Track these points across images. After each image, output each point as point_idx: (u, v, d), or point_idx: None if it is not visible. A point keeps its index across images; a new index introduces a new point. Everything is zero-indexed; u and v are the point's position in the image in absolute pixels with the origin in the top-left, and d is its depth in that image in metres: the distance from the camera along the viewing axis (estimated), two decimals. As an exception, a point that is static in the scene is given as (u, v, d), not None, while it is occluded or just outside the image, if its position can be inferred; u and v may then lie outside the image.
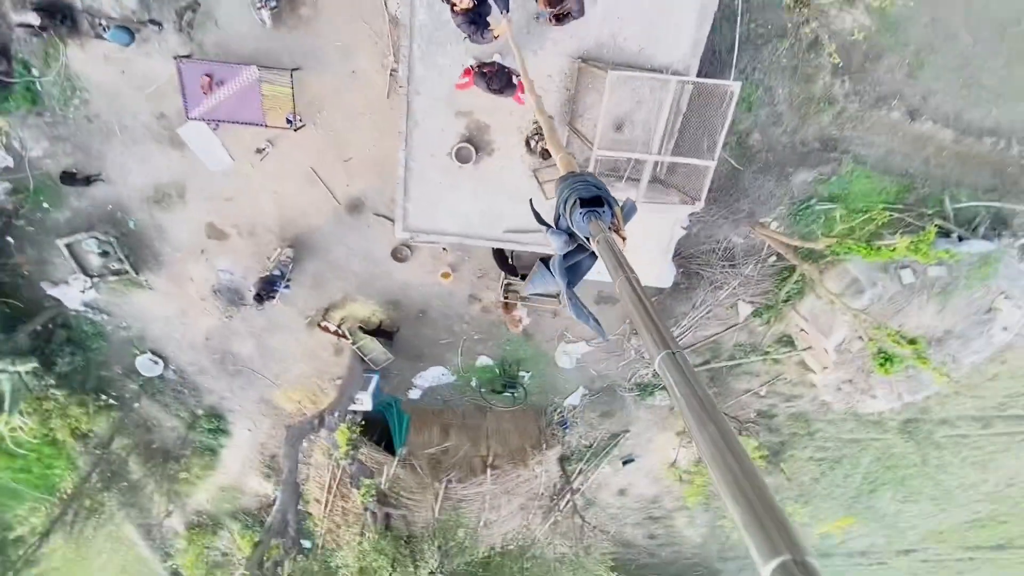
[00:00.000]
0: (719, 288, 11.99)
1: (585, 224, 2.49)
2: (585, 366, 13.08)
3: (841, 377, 12.32)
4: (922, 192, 11.10)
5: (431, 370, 12.72)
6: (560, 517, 15.49)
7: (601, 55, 6.38)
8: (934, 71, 9.89)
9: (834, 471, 16.07)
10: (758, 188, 10.59)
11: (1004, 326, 11.89)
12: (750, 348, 13.17)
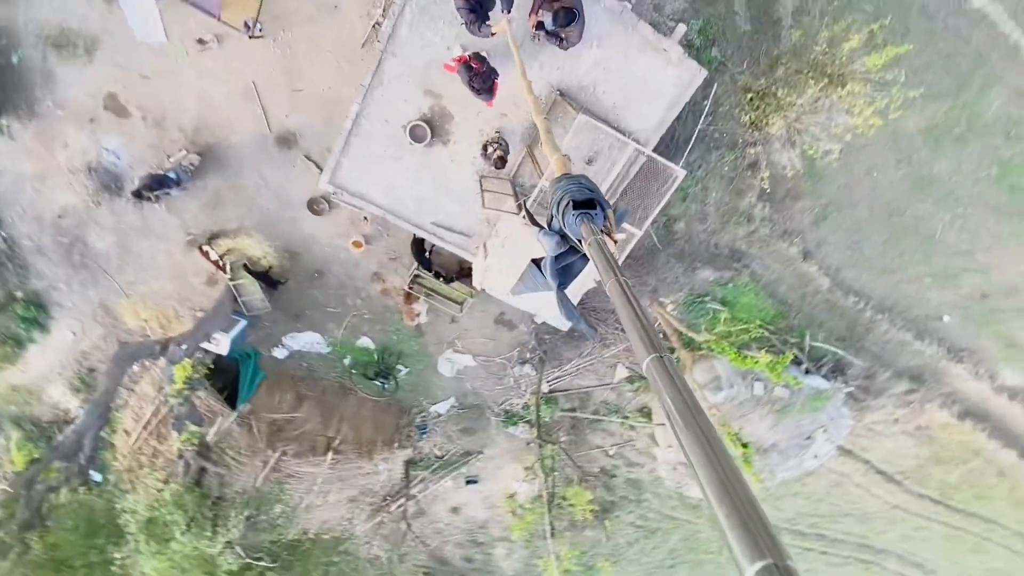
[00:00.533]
0: (607, 346, 12.68)
1: (577, 226, 2.48)
2: (464, 379, 13.06)
3: (679, 458, 13.46)
4: (792, 322, 12.69)
5: (306, 334, 11.97)
6: (387, 519, 15.10)
7: (578, 96, 6.61)
8: (833, 226, 11.48)
9: (647, 540, 17.37)
10: (668, 270, 11.45)
11: (815, 454, 13.80)
12: (614, 409, 13.98)
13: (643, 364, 1.49)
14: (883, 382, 13.65)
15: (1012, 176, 10.94)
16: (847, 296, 12.37)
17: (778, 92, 7.51)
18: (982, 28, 9.40)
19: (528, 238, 6.48)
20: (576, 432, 14.55)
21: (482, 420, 13.96)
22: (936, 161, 10.70)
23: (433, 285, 10.57)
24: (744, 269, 11.77)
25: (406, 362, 12.57)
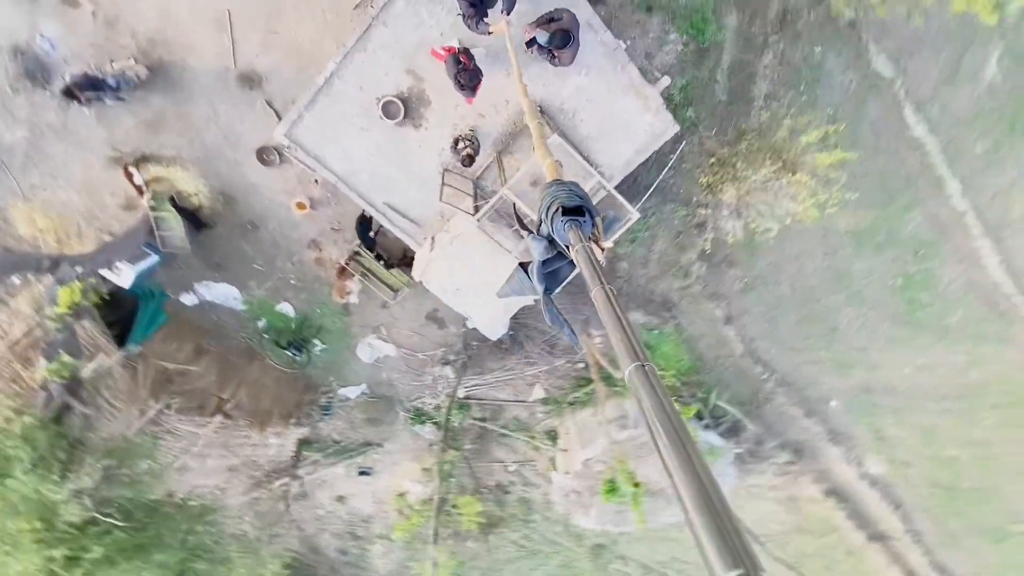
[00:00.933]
0: (530, 364, 12.80)
1: (565, 232, 2.46)
2: (381, 368, 12.70)
3: (574, 486, 13.75)
4: (703, 378, 13.41)
5: (223, 287, 11.20)
6: (266, 496, 14.30)
7: (556, 117, 6.70)
8: (757, 298, 12.30)
9: (526, 560, 17.52)
10: (604, 304, 11.75)
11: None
12: (523, 426, 14.09)
13: (625, 372, 1.49)
14: (769, 450, 14.69)
15: (913, 290, 12.24)
16: (755, 365, 13.26)
17: (737, 164, 8.01)
18: (916, 155, 10.52)
19: (477, 242, 6.45)
20: (481, 442, 14.51)
21: (390, 413, 13.61)
22: (855, 261, 11.78)
23: (371, 266, 10.25)
24: (672, 320, 12.33)
25: (324, 338, 12.06)
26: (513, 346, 12.46)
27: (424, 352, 12.45)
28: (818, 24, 9.09)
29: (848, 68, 9.55)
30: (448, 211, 6.72)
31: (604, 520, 14.23)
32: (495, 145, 6.84)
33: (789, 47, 9.30)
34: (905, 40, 9.32)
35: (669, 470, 1.17)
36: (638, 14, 8.77)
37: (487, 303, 6.72)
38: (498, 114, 6.64)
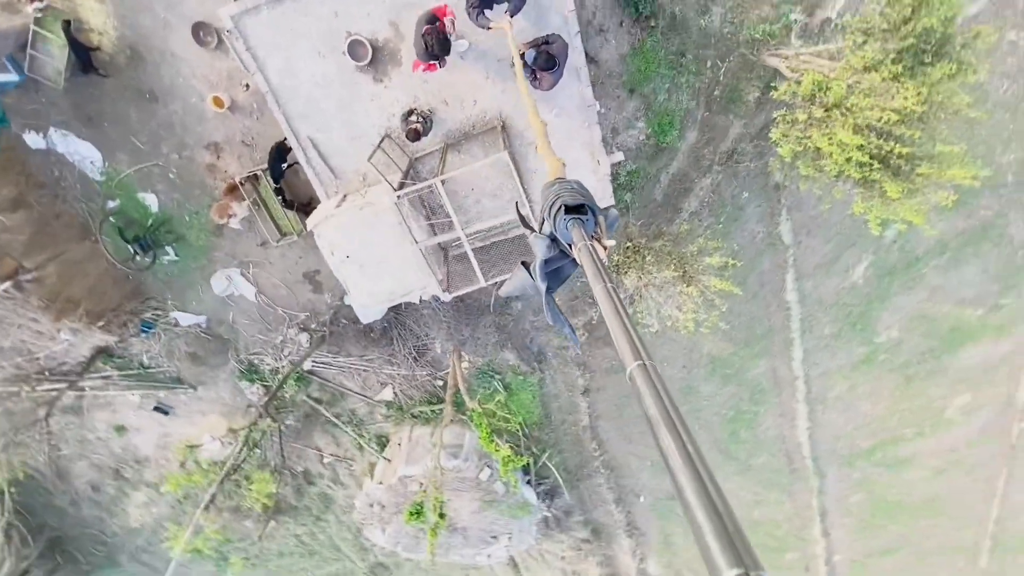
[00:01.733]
0: (391, 363, 12.30)
1: (568, 231, 2.44)
2: (231, 307, 11.44)
3: (382, 498, 13.18)
4: (544, 436, 13.81)
5: (85, 145, 9.53)
6: (28, 395, 11.95)
7: (513, 139, 6.72)
8: (616, 382, 13.06)
9: (300, 559, 16.30)
10: (484, 333, 11.77)
11: (490, 554, 14.64)
12: (357, 422, 13.38)
13: (627, 370, 1.50)
14: (573, 522, 15.36)
15: (738, 424, 13.79)
16: (592, 441, 13.96)
17: (647, 257, 8.58)
18: (782, 315, 12.08)
19: (387, 219, 6.12)
20: (306, 423, 13.50)
21: (220, 357, 12.22)
22: (704, 382, 13.04)
23: (268, 198, 9.34)
24: (539, 372, 12.64)
25: (181, 250, 10.65)
26: (382, 339, 11.92)
27: (285, 309, 11.46)
28: (754, 174, 10.27)
29: (761, 220, 10.83)
30: (372, 176, 6.34)
31: (397, 541, 13.75)
32: (447, 136, 6.67)
33: (726, 181, 10.36)
34: (810, 219, 10.82)
35: (671, 468, 1.17)
36: (621, 91, 9.27)
37: (370, 282, 6.35)
38: (461, 110, 6.51)
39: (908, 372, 13.04)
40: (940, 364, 12.88)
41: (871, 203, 6.83)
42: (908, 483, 15.04)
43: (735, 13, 8.74)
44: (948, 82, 6.14)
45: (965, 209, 10.65)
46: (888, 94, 5.88)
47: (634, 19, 8.70)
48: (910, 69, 6.14)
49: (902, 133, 6.08)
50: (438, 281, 6.16)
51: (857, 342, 12.54)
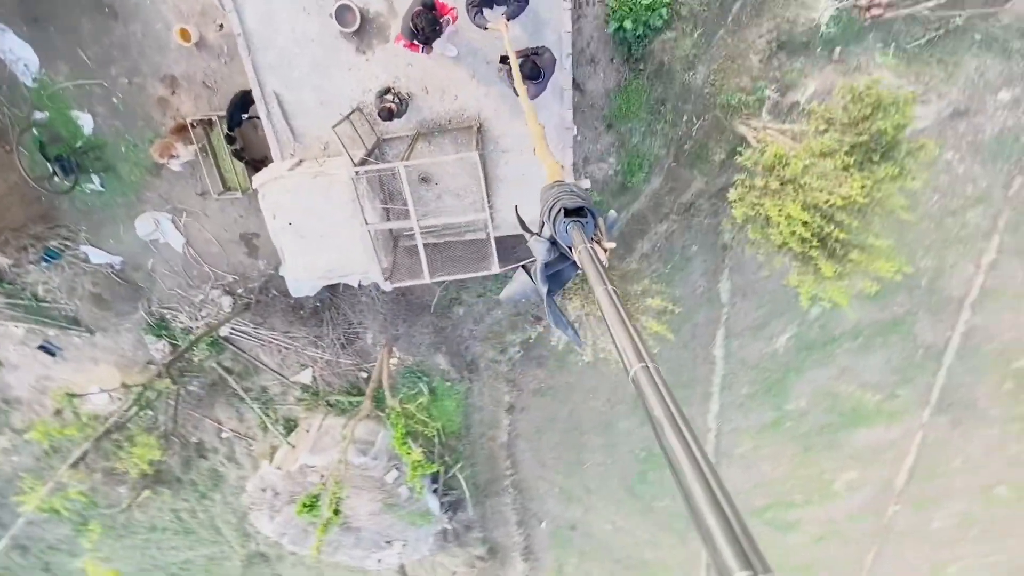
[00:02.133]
0: (316, 346, 11.74)
1: (568, 233, 2.43)
2: (152, 253, 10.58)
3: (277, 485, 12.45)
4: (459, 446, 13.58)
5: (22, 45, 8.61)
6: None
7: (487, 143, 6.66)
8: (542, 403, 13.10)
9: (173, 537, 15.09)
10: (420, 332, 11.50)
11: (381, 559, 14.11)
12: (267, 400, 12.64)
13: (631, 372, 1.49)
14: (472, 538, 15.13)
15: (649, 465, 14.15)
16: (506, 459, 13.88)
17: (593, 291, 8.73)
18: (707, 368, 12.60)
19: (341, 193, 5.85)
20: (211, 393, 12.60)
21: (128, 304, 11.24)
22: (624, 419, 13.33)
23: (219, 146, 8.76)
24: (468, 381, 12.47)
25: (109, 181, 9.77)
26: (311, 319, 11.37)
27: (213, 268, 10.73)
28: (706, 230, 10.73)
29: (704, 275, 11.31)
30: (334, 147, 6.06)
31: (284, 532, 12.99)
32: (420, 125, 6.50)
33: (679, 231, 10.77)
34: (748, 283, 11.41)
35: (677, 470, 1.16)
36: (599, 124, 9.47)
37: (309, 255, 6.02)
38: (440, 102, 6.38)
39: (808, 442, 13.90)
40: (836, 439, 13.82)
41: (805, 278, 7.27)
42: (790, 546, 15.93)
43: (717, 76, 9.18)
44: (889, 183, 6.68)
45: (882, 301, 11.59)
46: (837, 181, 6.30)
47: (624, 59, 8.94)
48: (859, 163, 6.64)
49: (843, 219, 6.52)
50: (381, 268, 5.94)
51: (769, 406, 13.25)
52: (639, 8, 8.18)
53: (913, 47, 8.98)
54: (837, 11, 8.56)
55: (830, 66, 9.13)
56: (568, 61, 6.10)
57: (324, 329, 11.53)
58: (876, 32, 8.88)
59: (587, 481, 14.40)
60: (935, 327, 12.20)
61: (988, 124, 9.72)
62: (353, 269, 6.15)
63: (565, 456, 13.91)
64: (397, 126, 6.31)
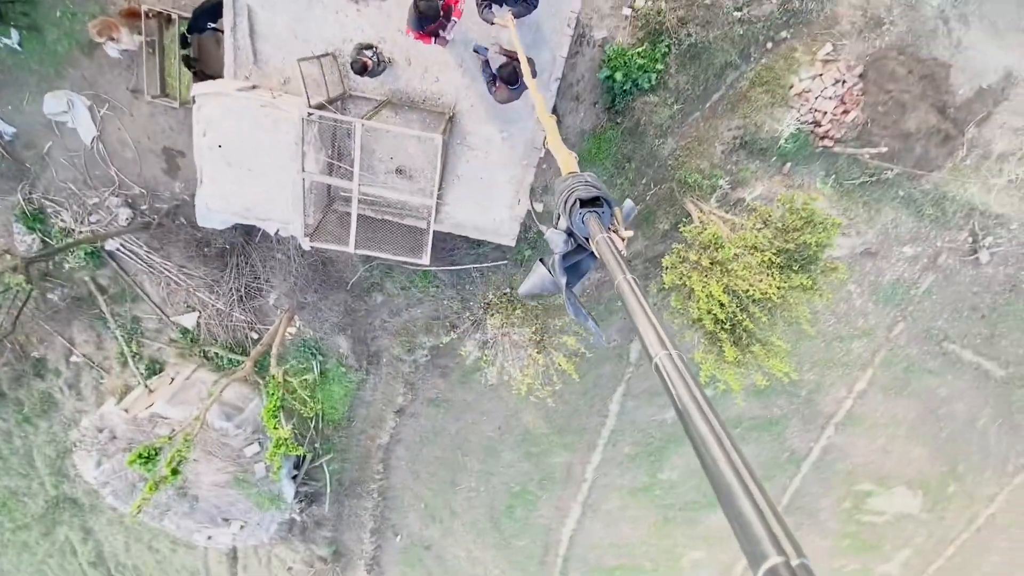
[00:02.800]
0: (212, 291, 10.76)
1: (584, 224, 2.43)
2: (52, 134, 9.34)
3: (116, 428, 11.08)
4: (336, 437, 12.83)
5: None
6: None
7: (456, 133, 6.53)
8: (433, 415, 12.73)
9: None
10: (329, 307, 10.88)
11: (211, 536, 12.82)
12: (136, 332, 11.37)
13: (654, 359, 1.44)
14: (319, 536, 14.19)
15: (519, 501, 14.07)
16: (380, 463, 13.28)
17: (516, 310, 8.72)
18: (599, 419, 12.87)
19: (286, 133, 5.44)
20: (73, 308, 11.13)
21: (6, 183, 9.81)
22: (509, 450, 13.24)
23: (170, 48, 7.98)
24: (365, 372, 11.90)
25: (29, 42, 8.60)
26: (215, 260, 10.43)
27: (121, 173, 9.64)
28: (634, 289, 11.14)
29: (620, 332, 11.68)
30: (295, 84, 5.64)
31: (107, 482, 11.50)
32: (392, 93, 6.26)
33: (609, 284, 11.07)
34: (657, 349, 11.89)
35: (706, 456, 1.12)
36: (566, 158, 9.67)
37: (231, 186, 5.49)
38: (420, 78, 6.20)
39: (669, 514, 14.49)
40: (695, 517, 14.52)
41: (709, 356, 7.66)
42: (628, 610, 16.33)
43: (682, 152, 9.71)
44: (801, 292, 7.26)
45: (766, 399, 12.50)
46: (759, 275, 6.76)
47: (606, 107, 9.25)
48: (781, 266, 7.18)
49: (755, 311, 6.97)
50: (305, 223, 5.52)
51: (644, 471, 13.72)
52: (632, 65, 8.53)
53: (849, 184, 10.01)
54: (798, 130, 9.39)
55: (778, 176, 9.96)
56: (555, 85, 6.17)
57: (226, 275, 10.62)
58: (823, 160, 9.83)
59: (455, 504, 14.06)
60: (803, 435, 13.31)
61: (889, 270, 10.97)
62: (274, 216, 5.68)
63: (440, 473, 13.54)
64: (368, 85, 6.03)
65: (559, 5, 5.82)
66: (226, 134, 5.26)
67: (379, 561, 15.02)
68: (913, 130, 9.51)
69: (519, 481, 13.77)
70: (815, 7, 8.83)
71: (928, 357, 12.20)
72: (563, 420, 12.73)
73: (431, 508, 14.10)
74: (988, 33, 9.16)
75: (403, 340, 11.58)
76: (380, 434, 12.90)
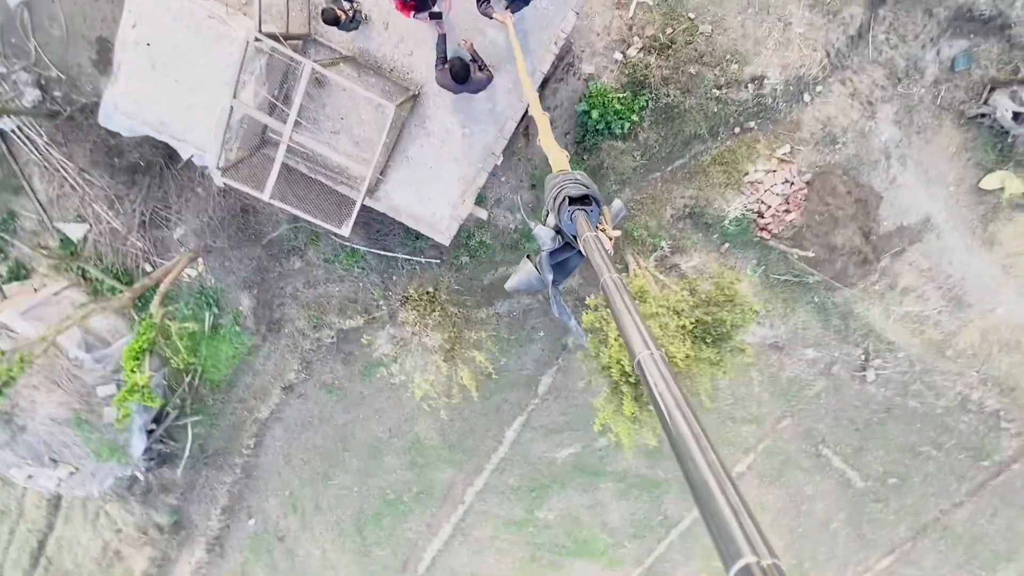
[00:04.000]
0: (110, 205, 9.67)
1: (573, 222, 2.44)
2: (-30, -20, 8.14)
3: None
4: (212, 399, 11.75)
5: None
6: None
7: (417, 110, 6.22)
8: (324, 399, 11.99)
9: None
10: (242, 258, 10.07)
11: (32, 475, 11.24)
12: (9, 227, 9.97)
13: (636, 358, 1.45)
14: (162, 502, 12.86)
15: (389, 509, 13.42)
16: (253, 438, 12.30)
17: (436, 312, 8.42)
18: (492, 444, 12.61)
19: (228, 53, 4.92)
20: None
21: None
22: (393, 455, 12.65)
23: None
24: (264, 337, 11.06)
25: None
26: (123, 173, 9.38)
27: (41, 49, 8.54)
28: (557, 325, 11.12)
29: (536, 362, 11.58)
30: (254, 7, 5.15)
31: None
32: (360, 52, 5.89)
33: (536, 312, 11.02)
34: (565, 388, 11.88)
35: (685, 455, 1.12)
36: (526, 180, 9.58)
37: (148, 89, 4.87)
38: (394, 47, 5.88)
39: (537, 553, 14.34)
40: (560, 561, 14.46)
41: (608, 406, 7.67)
42: (471, 643, 15.88)
43: (635, 206, 9.91)
44: (708, 366, 7.46)
45: (653, 460, 12.77)
46: (673, 337, 6.87)
47: (577, 140, 9.31)
48: (694, 336, 7.35)
49: (661, 372, 7.06)
50: (222, 155, 4.96)
51: (523, 506, 13.55)
52: (611, 108, 8.66)
53: (775, 279, 10.59)
54: (742, 215, 9.86)
55: (715, 253, 10.38)
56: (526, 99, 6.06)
57: (132, 194, 9.58)
58: (758, 250, 10.36)
59: (323, 498, 13.21)
60: (679, 503, 13.68)
61: (790, 367, 11.63)
62: (192, 139, 5.09)
63: (315, 463, 12.70)
64: (336, 37, 5.64)
65: (551, 20, 5.75)
66: (160, 34, 4.67)
67: (223, 542, 13.78)
68: (839, 245, 10.25)
69: (396, 489, 13.18)
70: (784, 109, 9.39)
71: (804, 456, 12.98)
72: (456, 437, 12.37)
73: (296, 498, 13.16)
74: (919, 179, 10.12)
75: (312, 315, 10.89)
76: (261, 407, 11.96)
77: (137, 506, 12.95)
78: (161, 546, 13.53)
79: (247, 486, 13.06)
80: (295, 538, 13.80)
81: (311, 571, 14.31)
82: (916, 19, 8.96)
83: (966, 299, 11.16)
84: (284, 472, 12.86)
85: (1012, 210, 10.40)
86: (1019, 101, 9.19)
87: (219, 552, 13.82)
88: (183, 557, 13.86)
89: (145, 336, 7.23)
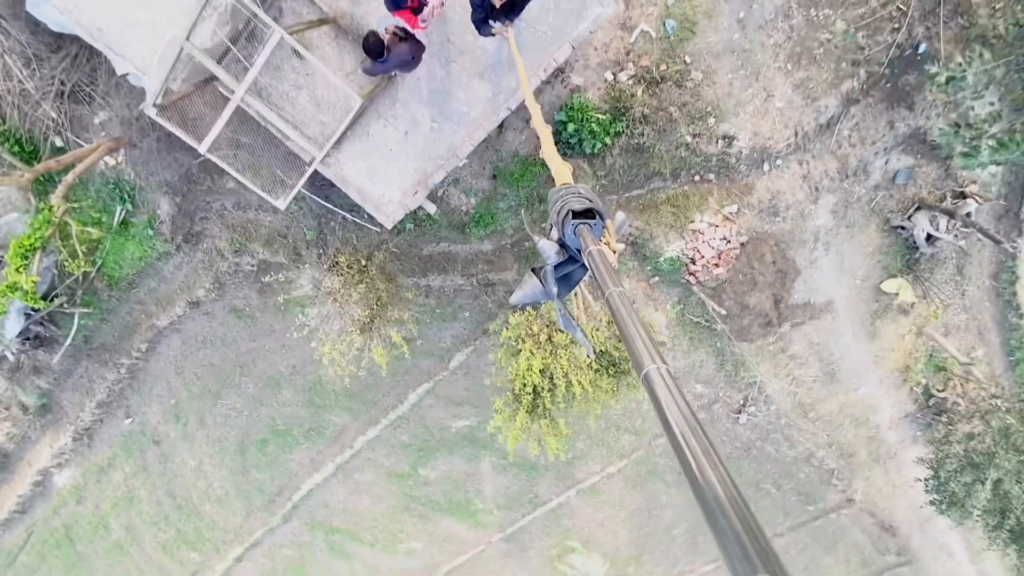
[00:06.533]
0: (27, 65, 8.47)
1: (576, 236, 2.45)
2: None
3: None
4: (100, 290, 11.05)
5: None
6: None
7: (383, 96, 5.94)
8: (218, 328, 11.63)
9: None
10: (171, 162, 9.30)
11: None
12: None
13: (642, 372, 1.47)
14: (31, 383, 12.14)
15: (277, 439, 13.53)
16: (146, 343, 11.78)
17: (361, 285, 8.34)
18: (393, 401, 12.93)
19: None
20: None
21: None
22: (295, 391, 12.66)
23: None
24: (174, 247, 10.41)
25: None
26: (47, 37, 8.20)
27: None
28: (483, 310, 11.35)
29: (455, 338, 11.84)
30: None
31: None
32: (341, 14, 5.46)
33: (467, 293, 11.14)
34: (477, 367, 12.31)
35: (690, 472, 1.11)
36: (488, 168, 9.43)
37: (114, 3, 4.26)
38: (380, 21, 5.50)
39: (410, 504, 15.18)
40: (430, 514, 15.42)
41: (505, 410, 8.12)
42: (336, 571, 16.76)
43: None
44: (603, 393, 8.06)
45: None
46: (578, 371, 7.33)
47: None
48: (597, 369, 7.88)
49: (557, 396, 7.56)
50: (161, 87, 4.49)
51: (408, 461, 14.17)
52: (588, 125, 8.66)
53: (688, 319, 11.38)
54: (677, 257, 10.40)
55: (644, 283, 10.95)
56: (505, 113, 5.96)
57: (55, 59, 8.45)
58: (681, 290, 11.03)
59: (209, 415, 13.04)
60: (550, 487, 14.89)
61: (679, 396, 12.72)
62: (130, 55, 4.58)
63: (207, 381, 12.44)
64: (322, 37, 5.19)
65: (547, 45, 5.63)
66: None
67: (93, 434, 13.34)
68: (751, 305, 11.15)
69: (287, 422, 13.27)
70: (744, 171, 9.83)
71: (667, 470, 14.47)
72: (360, 388, 12.53)
73: (180, 409, 12.90)
74: (835, 266, 11.10)
75: (236, 238, 10.37)
76: (160, 315, 11.41)
77: (3, 381, 12.14)
78: (23, 425, 12.87)
79: (130, 386, 12.59)
80: (172, 445, 13.63)
81: (182, 478, 14.28)
82: (879, 127, 9.57)
83: (838, 375, 12.62)
84: (173, 382, 12.51)
85: (898, 313, 11.74)
86: (935, 226, 10.22)
87: (86, 443, 13.39)
88: (45, 439, 13.29)
89: (39, 233, 6.60)
